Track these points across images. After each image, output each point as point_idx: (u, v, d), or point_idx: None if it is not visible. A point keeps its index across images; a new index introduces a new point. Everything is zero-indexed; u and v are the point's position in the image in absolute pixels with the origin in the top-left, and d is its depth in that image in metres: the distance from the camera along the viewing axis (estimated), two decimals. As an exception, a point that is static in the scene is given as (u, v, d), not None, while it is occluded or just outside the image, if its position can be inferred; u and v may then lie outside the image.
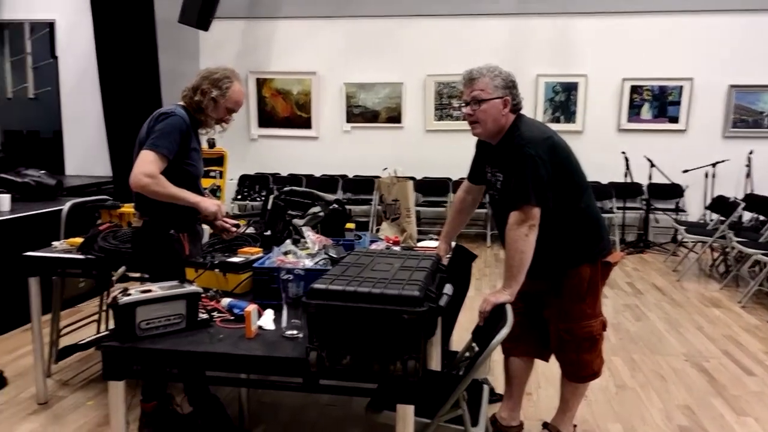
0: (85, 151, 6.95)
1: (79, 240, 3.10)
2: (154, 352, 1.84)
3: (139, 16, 6.16)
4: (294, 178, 7.56)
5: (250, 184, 7.59)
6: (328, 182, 7.42)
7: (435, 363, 2.34)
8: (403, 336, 1.61)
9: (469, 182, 2.69)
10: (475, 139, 2.51)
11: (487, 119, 2.32)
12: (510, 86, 2.33)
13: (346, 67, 7.44)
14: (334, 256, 2.37)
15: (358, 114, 7.56)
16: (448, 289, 1.92)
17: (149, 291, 1.92)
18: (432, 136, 7.44)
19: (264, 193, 7.43)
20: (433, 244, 3.05)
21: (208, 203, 2.48)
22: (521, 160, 2.22)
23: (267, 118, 7.75)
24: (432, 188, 7.26)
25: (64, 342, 3.50)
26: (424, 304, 1.64)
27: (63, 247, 3.11)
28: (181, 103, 2.56)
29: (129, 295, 1.88)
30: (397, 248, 2.93)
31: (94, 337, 1.95)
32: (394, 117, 7.49)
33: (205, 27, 6.15)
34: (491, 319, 2.18)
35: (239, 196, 7.44)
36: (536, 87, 7.14)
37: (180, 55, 6.99)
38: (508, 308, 2.11)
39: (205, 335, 1.95)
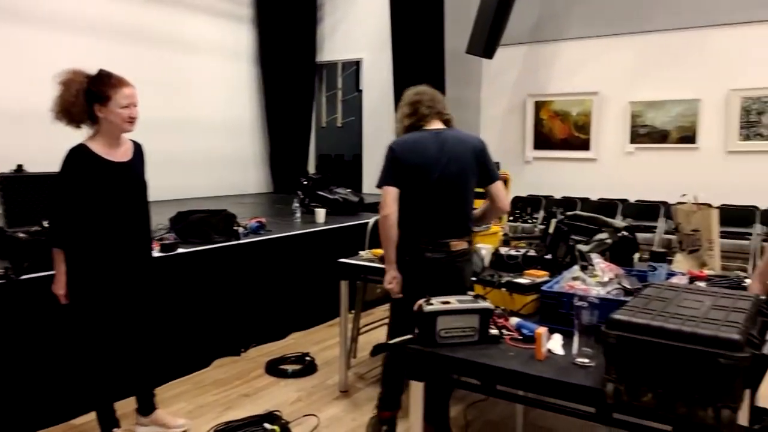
0: (379, 171, 7.81)
1: (380, 251, 3.51)
2: (452, 359, 2.00)
3: (431, 49, 6.74)
4: (568, 201, 7.37)
5: (522, 206, 7.64)
6: (606, 206, 7.04)
7: (742, 417, 2.06)
8: (718, 381, 1.47)
9: None
10: None
11: None
12: None
13: (633, 85, 7.01)
14: (628, 287, 2.27)
15: (644, 134, 7.04)
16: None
17: (448, 303, 2.10)
18: (735, 158, 6.54)
19: (536, 216, 7.42)
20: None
21: None
22: None
23: (543, 141, 7.73)
24: (733, 217, 6.35)
25: (361, 339, 3.99)
26: (745, 349, 1.47)
27: (368, 257, 3.57)
28: None
29: (431, 304, 2.08)
30: (702, 284, 2.66)
31: (402, 339, 2.20)
32: (688, 137, 6.78)
33: (490, 56, 6.44)
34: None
35: (511, 218, 7.53)
36: None
37: (464, 84, 7.43)
38: None
39: (496, 351, 2.04)
